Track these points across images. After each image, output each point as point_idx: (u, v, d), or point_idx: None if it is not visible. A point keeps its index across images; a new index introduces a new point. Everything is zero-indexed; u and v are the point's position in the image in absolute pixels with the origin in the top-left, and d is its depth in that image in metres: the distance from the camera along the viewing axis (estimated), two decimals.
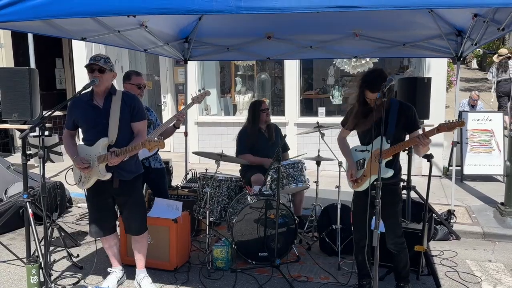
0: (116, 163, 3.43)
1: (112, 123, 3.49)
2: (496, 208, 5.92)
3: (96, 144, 3.49)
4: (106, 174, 3.51)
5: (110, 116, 3.48)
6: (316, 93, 9.19)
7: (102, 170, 3.49)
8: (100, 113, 3.50)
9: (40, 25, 3.67)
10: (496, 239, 5.22)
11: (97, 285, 3.80)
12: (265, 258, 4.28)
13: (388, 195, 3.38)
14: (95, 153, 3.49)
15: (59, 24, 3.89)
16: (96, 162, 3.48)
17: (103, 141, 3.48)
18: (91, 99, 3.54)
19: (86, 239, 5.15)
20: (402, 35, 5.20)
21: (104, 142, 3.48)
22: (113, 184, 3.57)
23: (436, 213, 5.17)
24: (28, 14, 3.02)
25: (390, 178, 3.31)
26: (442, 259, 4.58)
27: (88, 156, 3.52)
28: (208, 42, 5.91)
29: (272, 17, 4.79)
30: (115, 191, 3.63)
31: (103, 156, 3.45)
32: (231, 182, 4.82)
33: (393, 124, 3.29)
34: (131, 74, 4.56)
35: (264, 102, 5.38)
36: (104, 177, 3.51)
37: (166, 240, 4.19)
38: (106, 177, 3.51)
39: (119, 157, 3.39)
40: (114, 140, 3.50)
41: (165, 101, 9.95)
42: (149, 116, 4.72)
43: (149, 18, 4.77)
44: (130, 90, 4.46)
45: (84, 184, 3.63)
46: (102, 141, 3.48)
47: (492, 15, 3.65)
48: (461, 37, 4.94)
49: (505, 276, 4.25)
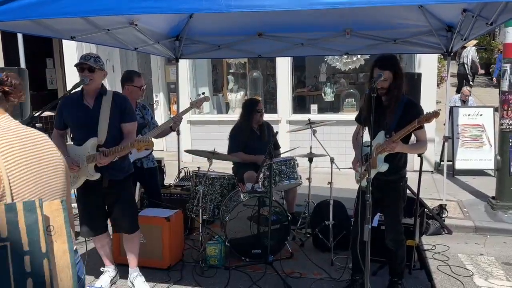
0: (105, 163, 3.40)
1: (102, 123, 3.46)
2: (487, 202, 5.98)
3: (85, 144, 3.47)
4: (94, 174, 3.48)
5: (100, 116, 3.45)
6: (308, 90, 9.22)
7: (91, 170, 3.47)
8: (90, 113, 3.48)
9: (29, 25, 3.64)
10: (488, 233, 5.27)
11: (90, 284, 3.79)
12: (258, 255, 4.29)
13: (388, 192, 3.43)
14: (84, 153, 3.47)
15: (48, 23, 3.86)
16: (85, 162, 3.46)
17: (92, 141, 3.46)
18: (81, 99, 3.52)
19: (79, 239, 5.10)
20: (393, 32, 5.23)
21: (93, 142, 3.46)
22: (103, 183, 3.55)
23: (428, 207, 5.21)
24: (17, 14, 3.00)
25: (390, 175, 3.33)
26: (434, 253, 4.62)
27: (77, 156, 3.49)
28: (199, 40, 5.90)
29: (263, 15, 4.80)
30: (105, 190, 3.61)
31: (92, 156, 3.42)
32: (223, 180, 4.83)
33: (395, 120, 3.28)
34: (133, 75, 4.51)
35: (259, 103, 5.36)
36: (93, 177, 3.48)
37: (159, 239, 4.19)
38: (94, 177, 3.49)
39: (108, 157, 3.36)
40: (103, 140, 3.48)
41: (157, 100, 9.93)
42: (145, 114, 4.72)
43: (139, 17, 4.75)
44: (132, 92, 4.45)
45: (73, 184, 3.58)
46: (91, 141, 3.46)
47: (480, 10, 3.68)
48: (451, 32, 4.97)
49: (497, 269, 4.30)
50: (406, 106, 3.29)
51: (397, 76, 3.24)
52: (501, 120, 5.75)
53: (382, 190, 3.40)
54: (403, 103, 3.30)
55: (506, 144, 5.71)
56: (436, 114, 2.99)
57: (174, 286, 3.91)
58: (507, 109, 5.67)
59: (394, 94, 3.27)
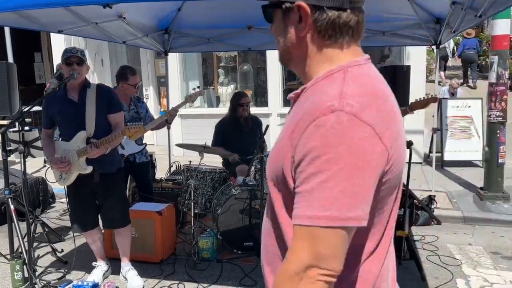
0: (97, 155, 3.38)
1: (89, 116, 3.44)
2: (475, 193, 6.05)
3: (74, 138, 3.45)
4: (87, 168, 3.47)
5: (86, 109, 3.43)
6: (299, 83, 9.16)
7: (82, 164, 3.46)
8: (77, 107, 3.45)
9: (14, 18, 3.59)
10: (476, 223, 5.34)
11: (82, 279, 3.78)
12: (250, 248, 4.30)
13: None
14: (74, 147, 3.45)
15: (34, 16, 3.81)
16: (76, 157, 3.44)
17: (81, 135, 3.44)
18: (65, 94, 3.48)
19: (70, 234, 5.11)
20: (382, 24, 5.24)
21: (82, 136, 3.44)
22: (94, 178, 3.53)
23: (417, 198, 5.25)
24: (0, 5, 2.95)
25: None
26: (424, 243, 4.67)
27: (67, 152, 3.47)
28: (189, 33, 5.87)
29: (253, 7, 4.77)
30: (96, 184, 3.58)
31: (82, 149, 3.41)
32: (215, 174, 4.82)
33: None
34: (127, 73, 4.47)
35: (243, 97, 5.30)
36: (86, 171, 3.47)
37: (151, 233, 4.18)
38: (87, 171, 3.47)
39: (100, 148, 3.35)
40: (92, 132, 3.45)
41: (147, 93, 9.87)
42: (139, 108, 4.70)
43: (128, 9, 4.70)
44: (126, 89, 4.44)
45: (65, 181, 3.58)
46: (80, 134, 3.43)
47: (470, 2, 3.69)
48: (440, 24, 5.00)
49: (485, 259, 4.35)
50: None
51: None
52: (489, 111, 5.80)
53: None
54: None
55: (494, 135, 5.76)
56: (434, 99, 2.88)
57: (167, 279, 3.91)
58: (495, 100, 5.71)
59: None
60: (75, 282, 3.70)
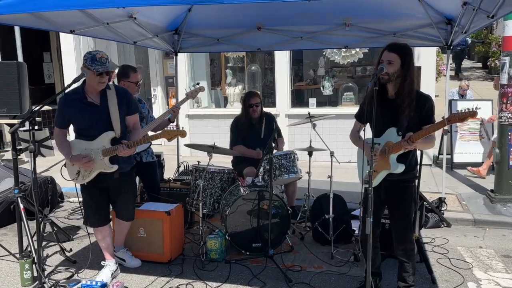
0: (127, 154, 3.52)
1: (114, 118, 3.56)
2: (486, 195, 6.00)
3: (99, 138, 3.54)
4: (113, 166, 3.58)
5: (110, 111, 3.54)
6: (307, 84, 9.19)
7: (107, 163, 3.56)
8: (99, 110, 3.55)
9: (28, 18, 3.61)
10: (486, 226, 5.28)
11: (91, 279, 3.79)
12: (258, 249, 4.29)
13: (397, 193, 3.17)
14: (99, 146, 3.54)
15: (47, 16, 3.84)
16: (101, 155, 3.53)
17: (108, 135, 3.55)
18: (85, 97, 3.55)
19: (79, 233, 5.13)
20: (392, 25, 5.21)
21: (109, 136, 3.55)
22: (114, 175, 3.64)
23: (427, 201, 5.22)
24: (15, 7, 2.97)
25: (401, 174, 3.07)
26: (434, 246, 4.63)
27: (89, 151, 3.56)
28: (198, 34, 5.88)
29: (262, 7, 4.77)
30: (113, 181, 3.69)
31: (109, 149, 3.51)
32: (223, 174, 4.82)
33: (407, 116, 2.99)
34: (128, 71, 4.49)
35: (254, 97, 5.24)
36: (111, 169, 3.58)
37: (160, 233, 4.18)
38: (113, 169, 3.59)
39: (131, 148, 3.49)
40: (119, 133, 3.59)
41: (155, 94, 9.89)
42: (141, 109, 4.71)
43: (139, 9, 4.72)
44: (128, 87, 4.44)
45: (85, 178, 3.65)
46: (106, 135, 3.54)
47: (480, 2, 3.66)
48: (451, 25, 4.96)
49: (496, 262, 4.31)
50: (418, 99, 3.01)
51: (406, 64, 2.99)
52: (500, 113, 5.75)
53: (393, 191, 3.18)
54: (416, 97, 3.01)
55: (505, 137, 5.71)
56: (473, 114, 2.69)
57: (175, 279, 3.91)
58: (506, 102, 5.66)
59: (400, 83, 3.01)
60: (83, 282, 3.71)
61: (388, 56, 3.01)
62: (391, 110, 3.05)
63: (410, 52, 3.06)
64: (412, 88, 3.00)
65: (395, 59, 3.00)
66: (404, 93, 3.01)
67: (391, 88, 3.09)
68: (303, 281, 3.84)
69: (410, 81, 3.01)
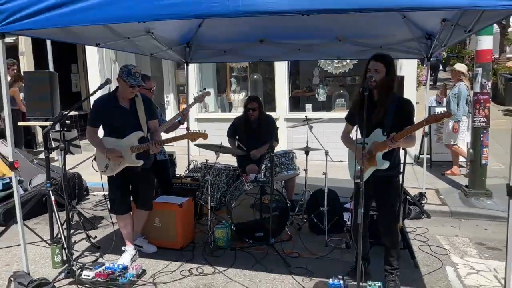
0: (157, 151, 3.75)
1: (142, 121, 3.73)
2: (461, 190, 5.97)
3: (128, 137, 3.68)
4: (139, 161, 3.71)
5: (139, 115, 3.72)
6: (303, 91, 9.17)
7: (134, 158, 3.69)
8: (129, 113, 3.72)
9: (58, 32, 3.60)
10: (462, 217, 5.27)
11: (113, 262, 3.79)
12: (261, 238, 4.28)
13: (384, 187, 3.18)
14: (128, 144, 3.67)
15: (76, 31, 3.83)
16: (130, 152, 3.65)
17: (137, 135, 3.70)
18: (117, 102, 3.70)
19: (102, 222, 5.13)
20: (379, 39, 5.19)
21: (138, 136, 3.70)
22: (138, 169, 3.76)
23: (409, 195, 5.21)
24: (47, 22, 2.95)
25: (387, 170, 3.07)
26: (416, 234, 4.63)
27: (119, 147, 3.68)
28: (207, 46, 5.86)
29: (265, 23, 4.76)
30: (137, 174, 3.81)
31: (137, 146, 3.66)
32: (229, 171, 4.82)
33: (391, 118, 3.03)
34: (144, 79, 4.50)
35: (251, 102, 5.14)
36: (138, 164, 3.71)
37: (173, 223, 4.18)
38: (139, 164, 3.72)
39: (159, 146, 3.67)
40: (146, 133, 3.75)
41: (168, 100, 9.88)
42: None
43: (155, 26, 4.71)
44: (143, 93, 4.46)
45: (112, 171, 3.76)
46: (136, 134, 3.69)
47: (459, 19, 3.64)
48: (431, 40, 4.94)
49: (470, 249, 4.30)
50: (399, 103, 3.07)
51: (389, 72, 3.04)
52: (474, 118, 5.73)
53: (380, 185, 3.18)
54: (396, 101, 3.07)
55: (478, 139, 5.68)
56: (448, 115, 2.80)
57: (187, 264, 3.91)
58: (479, 108, 5.65)
59: (385, 89, 3.04)
60: (107, 264, 3.71)
61: (375, 65, 3.05)
62: (377, 113, 3.07)
63: (393, 61, 3.12)
64: (390, 90, 3.07)
65: (381, 68, 3.04)
66: (388, 97, 3.05)
67: (376, 93, 3.11)
68: (301, 265, 3.83)
69: (393, 86, 3.07)
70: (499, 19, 3.15)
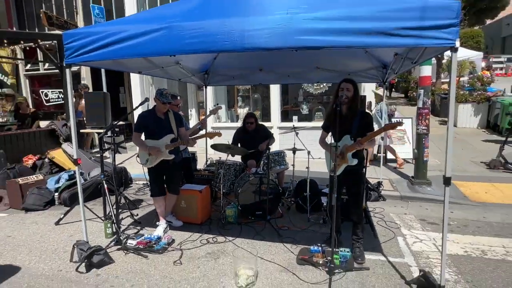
0: (193, 144, 3.78)
1: (173, 127, 3.80)
2: (408, 180, 5.94)
3: (163, 138, 3.76)
4: (171, 156, 3.77)
5: (171, 124, 3.83)
6: (291, 106, 9.14)
7: (168, 153, 3.75)
8: (164, 122, 3.79)
9: (110, 63, 3.60)
10: (409, 200, 5.24)
11: (150, 233, 3.77)
12: (260, 215, 4.27)
13: (352, 177, 3.18)
14: (163, 143, 3.74)
15: (123, 62, 3.83)
16: (164, 148, 3.72)
17: (170, 137, 3.78)
18: (155, 114, 3.78)
19: (142, 204, 5.11)
20: (348, 68, 5.16)
21: (170, 137, 3.79)
22: (170, 162, 3.81)
23: (370, 183, 5.19)
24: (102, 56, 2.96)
25: (355, 165, 3.09)
26: (375, 213, 4.61)
27: (157, 145, 3.75)
28: (221, 73, 5.84)
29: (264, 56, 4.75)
30: (170, 166, 3.83)
31: (169, 144, 3.74)
32: (236, 166, 4.80)
33: (356, 126, 3.07)
34: (173, 97, 4.50)
35: (248, 117, 5.00)
36: (170, 157, 3.77)
37: (195, 204, 4.17)
38: (171, 157, 3.77)
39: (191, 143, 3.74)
40: (177, 136, 3.84)
41: (191, 113, 9.86)
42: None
43: (182, 58, 4.70)
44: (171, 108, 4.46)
45: (151, 163, 3.78)
46: (169, 136, 3.78)
47: (407, 54, 3.64)
48: (386, 69, 4.93)
49: (415, 223, 4.28)
50: (362, 115, 3.11)
51: (356, 92, 3.07)
52: (417, 126, 5.71)
53: (349, 176, 3.18)
54: (360, 114, 3.11)
55: (421, 142, 5.66)
56: (400, 124, 2.86)
57: (205, 235, 3.90)
58: (421, 119, 5.63)
59: (353, 105, 3.06)
60: (146, 235, 3.69)
61: (346, 85, 3.08)
62: (346, 122, 3.08)
63: (356, 84, 3.15)
64: (356, 105, 3.11)
65: (350, 88, 3.07)
66: (354, 111, 3.08)
67: (345, 108, 3.11)
68: (290, 236, 3.82)
69: (356, 100, 3.10)
70: (436, 54, 3.15)
